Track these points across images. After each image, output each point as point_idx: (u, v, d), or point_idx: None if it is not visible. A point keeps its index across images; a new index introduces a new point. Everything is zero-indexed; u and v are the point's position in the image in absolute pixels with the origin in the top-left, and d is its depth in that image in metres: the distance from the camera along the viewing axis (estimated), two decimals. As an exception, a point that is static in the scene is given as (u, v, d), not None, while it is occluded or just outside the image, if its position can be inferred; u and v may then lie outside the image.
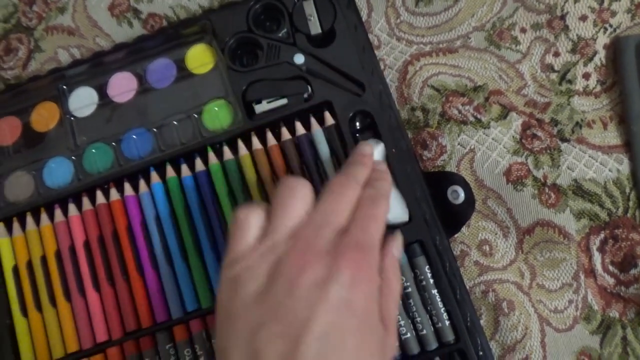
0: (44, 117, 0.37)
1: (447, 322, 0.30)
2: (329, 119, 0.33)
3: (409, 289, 0.31)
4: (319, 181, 0.33)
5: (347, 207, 0.26)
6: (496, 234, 0.33)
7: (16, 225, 0.34)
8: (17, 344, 0.33)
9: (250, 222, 0.25)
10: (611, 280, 0.32)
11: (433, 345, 0.30)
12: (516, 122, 0.34)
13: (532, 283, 0.33)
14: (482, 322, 0.32)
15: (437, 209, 0.32)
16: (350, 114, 0.33)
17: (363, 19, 0.36)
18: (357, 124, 0.34)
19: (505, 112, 0.34)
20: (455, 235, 0.33)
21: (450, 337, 0.30)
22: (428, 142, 0.34)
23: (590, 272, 0.32)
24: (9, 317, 0.33)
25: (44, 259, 0.34)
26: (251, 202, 0.27)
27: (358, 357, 0.22)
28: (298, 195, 0.26)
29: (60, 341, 0.33)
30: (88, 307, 0.33)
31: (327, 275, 0.23)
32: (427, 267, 0.31)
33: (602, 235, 0.32)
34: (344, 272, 0.23)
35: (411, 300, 0.31)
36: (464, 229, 0.34)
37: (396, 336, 0.26)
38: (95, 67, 0.37)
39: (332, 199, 0.26)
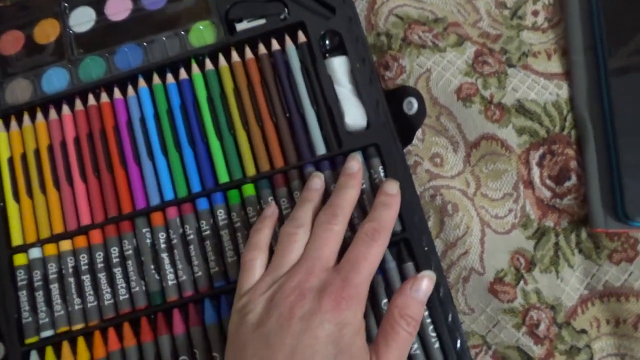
0: (46, 31, 0.40)
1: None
2: (302, 38, 0.37)
3: (364, 185, 0.34)
4: (290, 93, 0.36)
5: (334, 244, 0.30)
6: (447, 148, 0.37)
7: (13, 123, 0.38)
8: (8, 224, 0.36)
9: (254, 263, 0.31)
10: (548, 193, 0.36)
11: (382, 234, 0.34)
12: (470, 49, 0.37)
13: (477, 192, 0.36)
14: (429, 223, 0.36)
15: (395, 121, 0.35)
16: (322, 33, 0.37)
17: (339, -44, 0.40)
18: (327, 43, 0.37)
19: (461, 40, 0.38)
20: (410, 148, 0.37)
21: (397, 227, 0.34)
22: (390, 64, 0.38)
23: (529, 184, 0.36)
24: (2, 201, 0.37)
25: (37, 152, 0.37)
26: (255, 243, 0.32)
27: None
28: (295, 239, 0.30)
29: (47, 223, 0.36)
30: (75, 194, 0.36)
31: (313, 311, 0.27)
32: (381, 167, 0.34)
33: (540, 151, 0.36)
34: (327, 307, 0.27)
35: (364, 196, 0.34)
36: (418, 143, 0.37)
37: None
38: (94, -11, 0.41)
39: (320, 238, 0.30)
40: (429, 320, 0.32)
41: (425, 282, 0.29)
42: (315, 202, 0.32)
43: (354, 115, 0.35)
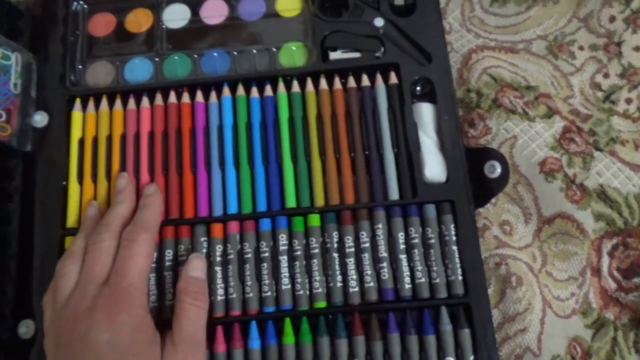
0: (139, 20, 0.40)
1: (460, 277, 0.33)
2: (393, 79, 0.37)
3: (432, 241, 0.34)
4: (372, 131, 0.36)
5: (105, 259, 0.31)
6: (518, 217, 0.36)
7: (91, 104, 0.38)
8: (67, 205, 0.36)
9: (44, 302, 0.31)
10: (613, 285, 0.35)
11: (443, 294, 0.33)
12: (558, 124, 0.37)
13: (542, 269, 0.35)
14: (489, 290, 0.35)
15: (472, 180, 0.35)
16: (415, 78, 0.36)
17: (441, 6, 0.40)
18: (418, 89, 0.37)
19: (551, 113, 0.37)
20: (480, 210, 0.36)
21: (460, 290, 0.33)
22: (476, 122, 0.37)
23: (597, 272, 0.35)
24: (65, 180, 0.36)
25: (109, 138, 0.37)
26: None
27: None
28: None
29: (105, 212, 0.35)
30: (138, 188, 0.36)
31: (89, 328, 0.28)
32: (453, 225, 0.34)
33: (614, 241, 0.35)
34: (100, 320, 0.28)
35: (432, 251, 0.33)
36: (489, 206, 0.36)
37: (200, 350, 0.30)
38: (194, -11, 0.41)
39: (90, 257, 0.31)
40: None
41: (197, 261, 0.32)
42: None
43: (434, 168, 0.35)
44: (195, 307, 0.30)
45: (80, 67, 0.39)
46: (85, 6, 0.41)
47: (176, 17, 0.40)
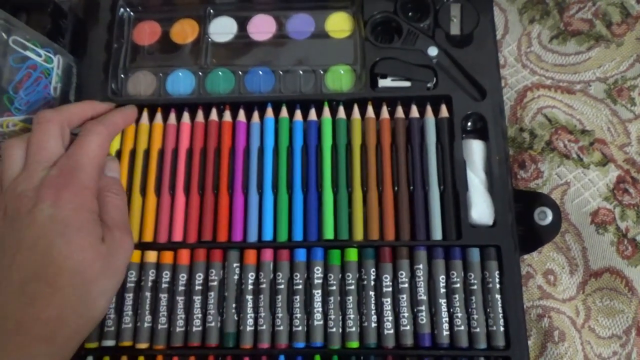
0: (185, 31, 0.39)
1: (502, 328, 0.31)
2: (444, 112, 0.35)
3: (475, 287, 0.32)
4: (419, 165, 0.35)
5: (53, 143, 0.31)
6: (563, 267, 0.34)
7: (130, 115, 0.37)
8: (99, 217, 0.35)
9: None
10: (660, 347, 0.33)
11: (482, 344, 0.31)
12: (613, 172, 0.35)
13: (585, 324, 0.33)
14: (529, 342, 0.33)
15: (519, 225, 0.33)
16: (467, 113, 0.35)
17: (497, 38, 0.39)
18: (469, 124, 0.36)
19: (605, 160, 0.35)
20: (524, 257, 0.35)
21: (500, 342, 0.31)
22: (527, 164, 0.36)
23: (643, 332, 0.33)
24: (99, 192, 0.35)
25: (146, 152, 0.36)
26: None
27: (70, 252, 0.28)
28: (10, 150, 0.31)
29: (137, 229, 0.34)
30: (173, 207, 0.35)
31: (35, 204, 0.29)
32: (497, 272, 0.32)
33: (665, 301, 0.33)
34: (46, 197, 0.29)
35: (473, 297, 0.32)
36: (534, 254, 0.35)
37: (131, 235, 0.32)
38: (243, 2, 0.40)
39: (34, 137, 0.31)
40: None
41: (113, 162, 0.35)
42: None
43: (482, 210, 0.33)
44: (119, 199, 0.32)
45: (122, 75, 0.38)
46: (132, 13, 0.40)
47: (222, 30, 0.39)
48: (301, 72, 0.38)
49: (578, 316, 0.33)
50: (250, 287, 0.33)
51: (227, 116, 0.36)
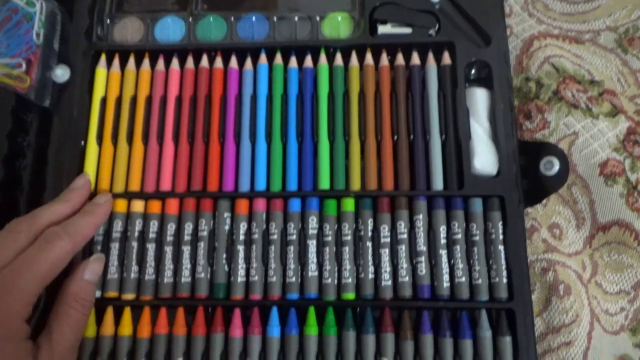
0: (174, -25, 0.38)
1: (505, 280, 0.30)
2: (447, 59, 0.34)
3: (476, 238, 0.31)
4: (419, 114, 0.33)
5: (6, 253, 0.27)
6: (570, 221, 0.33)
7: (116, 62, 0.35)
8: (83, 166, 0.33)
9: None
10: (669, 303, 0.32)
11: (484, 297, 0.30)
12: (623, 124, 0.34)
13: (592, 279, 0.32)
14: (532, 296, 0.32)
15: (524, 176, 0.32)
16: (471, 61, 0.33)
17: (502, -14, 0.37)
18: (473, 72, 0.34)
19: (615, 111, 0.34)
20: (529, 210, 0.33)
21: (503, 294, 0.30)
22: (533, 114, 0.34)
23: (652, 288, 0.32)
24: (84, 140, 0.34)
25: (133, 99, 0.34)
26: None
27: None
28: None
29: (124, 178, 0.33)
30: (161, 155, 0.33)
31: None
32: (500, 223, 0.31)
33: (675, 256, 0.32)
34: None
35: (475, 249, 0.31)
36: (539, 207, 0.33)
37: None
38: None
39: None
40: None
41: (98, 264, 0.30)
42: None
43: (485, 159, 0.32)
44: (82, 315, 0.28)
45: (108, 21, 0.36)
46: (119, -44, 0.38)
47: (214, -25, 0.37)
48: (297, 19, 0.36)
49: (584, 271, 0.32)
50: (241, 237, 0.31)
51: (219, 63, 0.35)
